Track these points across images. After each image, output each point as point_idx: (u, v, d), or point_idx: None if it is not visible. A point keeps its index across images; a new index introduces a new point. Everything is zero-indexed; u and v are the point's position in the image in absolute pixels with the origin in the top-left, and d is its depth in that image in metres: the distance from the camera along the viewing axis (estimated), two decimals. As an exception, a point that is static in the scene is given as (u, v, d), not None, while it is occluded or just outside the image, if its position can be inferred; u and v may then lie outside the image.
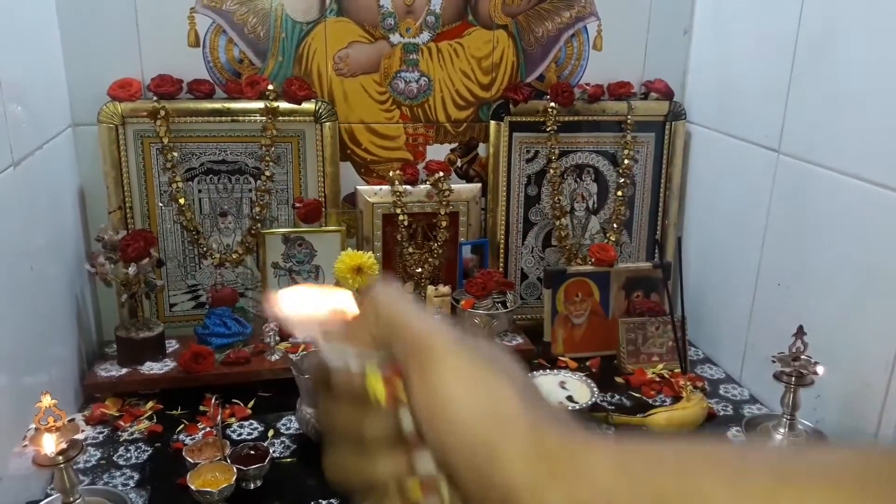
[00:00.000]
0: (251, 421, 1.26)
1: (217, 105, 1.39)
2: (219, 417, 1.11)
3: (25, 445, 0.86)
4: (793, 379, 1.14)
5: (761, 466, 0.30)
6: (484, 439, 0.31)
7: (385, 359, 0.36)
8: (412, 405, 0.34)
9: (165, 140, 1.37)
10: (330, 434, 0.37)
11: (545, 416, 0.32)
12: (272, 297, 0.40)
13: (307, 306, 0.40)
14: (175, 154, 1.39)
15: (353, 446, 0.36)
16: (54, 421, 0.85)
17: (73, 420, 0.88)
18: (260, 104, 1.40)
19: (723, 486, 0.29)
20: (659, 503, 0.29)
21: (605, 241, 1.61)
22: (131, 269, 1.28)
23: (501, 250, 1.59)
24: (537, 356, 1.48)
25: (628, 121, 1.55)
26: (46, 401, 0.85)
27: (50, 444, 0.85)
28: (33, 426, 0.86)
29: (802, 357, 1.14)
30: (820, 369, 1.13)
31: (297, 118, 1.43)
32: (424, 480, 0.35)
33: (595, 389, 1.25)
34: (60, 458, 0.86)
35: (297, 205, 1.45)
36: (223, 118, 1.40)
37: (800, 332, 1.14)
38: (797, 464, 0.31)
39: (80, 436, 0.87)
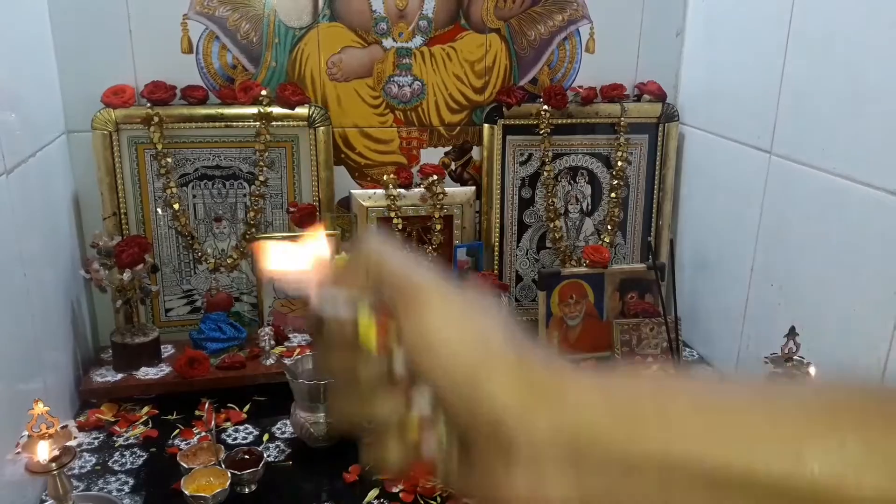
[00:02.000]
0: (246, 425, 1.26)
1: (211, 111, 1.40)
2: (213, 422, 1.11)
3: (18, 452, 0.86)
4: (785, 380, 1.14)
5: (734, 393, 0.34)
6: (472, 371, 0.33)
7: (375, 304, 0.37)
8: (404, 344, 0.35)
9: (159, 146, 1.38)
10: (329, 380, 0.39)
11: (528, 350, 0.35)
12: (260, 256, 0.41)
13: (293, 261, 0.41)
14: (169, 160, 1.39)
15: (352, 390, 0.38)
16: (47, 428, 0.86)
17: (66, 427, 0.89)
18: (253, 109, 1.40)
19: (695, 408, 0.33)
20: (637, 423, 0.32)
21: (600, 242, 1.62)
22: (126, 275, 1.29)
23: (496, 253, 1.59)
24: (532, 358, 1.48)
25: (621, 123, 1.56)
26: (39, 408, 0.85)
27: (43, 451, 0.85)
28: (26, 433, 0.86)
29: (795, 358, 1.14)
30: (812, 370, 1.13)
31: (291, 123, 1.43)
32: (422, 419, 0.36)
33: (589, 391, 1.26)
34: (53, 465, 0.86)
35: (292, 209, 1.45)
36: (217, 124, 1.40)
37: (791, 332, 1.14)
38: (769, 391, 0.34)
39: (72, 442, 0.88)
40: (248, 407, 1.31)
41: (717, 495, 0.31)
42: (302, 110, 1.43)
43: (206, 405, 1.21)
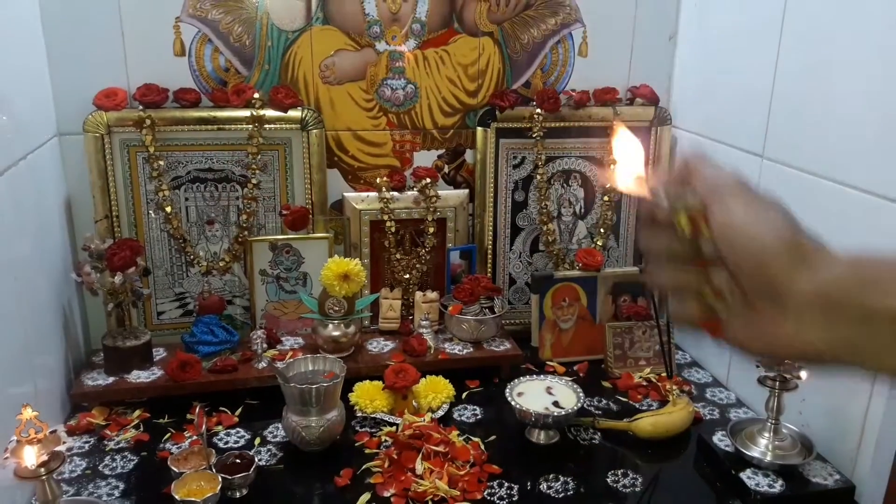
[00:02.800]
0: (238, 429, 1.26)
1: (203, 114, 1.40)
2: (203, 426, 1.11)
3: (7, 458, 0.86)
4: (777, 383, 1.14)
5: None
6: (763, 244, 0.46)
7: (691, 198, 0.49)
8: (713, 226, 0.48)
9: (151, 149, 1.38)
10: (649, 253, 0.52)
11: (803, 232, 0.48)
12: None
13: (633, 160, 0.56)
14: (161, 163, 1.39)
15: (666, 262, 0.51)
16: (35, 433, 0.86)
17: (54, 431, 0.88)
18: (246, 112, 1.40)
19: None
20: (877, 285, 0.44)
21: (593, 245, 1.62)
22: (117, 278, 1.28)
23: (489, 256, 1.59)
24: (525, 361, 1.49)
25: (614, 126, 1.56)
26: (27, 413, 0.85)
27: (31, 457, 0.85)
28: (14, 438, 0.86)
29: (786, 362, 1.14)
30: (804, 374, 1.14)
31: (284, 126, 1.43)
32: (717, 286, 0.49)
33: (581, 394, 1.26)
34: (42, 470, 0.86)
35: (284, 212, 1.45)
36: (209, 127, 1.40)
37: (783, 336, 1.14)
38: None
39: (61, 447, 0.88)
40: (239, 410, 1.31)
41: None
42: (295, 113, 1.43)
43: (197, 409, 1.21)
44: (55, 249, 1.32)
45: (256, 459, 1.10)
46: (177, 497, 1.00)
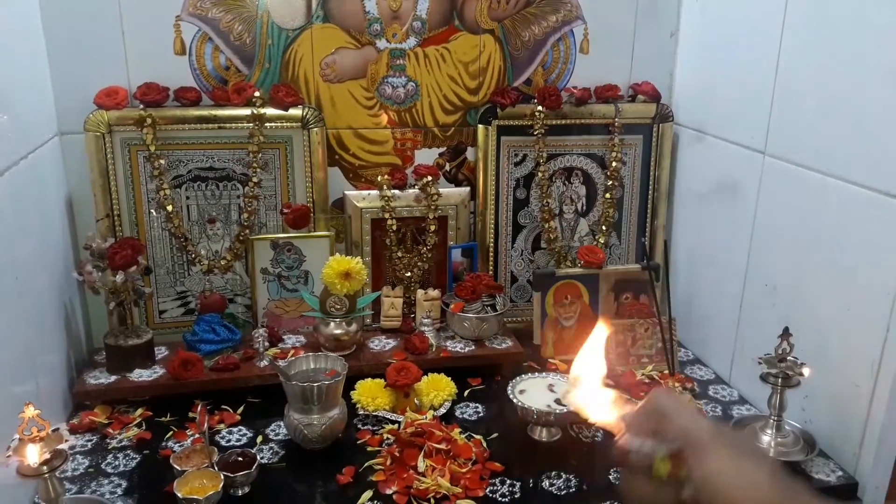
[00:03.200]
0: (240, 427, 1.26)
1: (204, 112, 1.40)
2: (205, 424, 1.11)
3: (9, 456, 0.86)
4: (779, 380, 1.14)
5: None
6: (742, 501, 0.46)
7: (666, 446, 0.50)
8: (691, 477, 0.48)
9: (152, 148, 1.38)
10: (632, 498, 0.53)
11: (783, 484, 0.47)
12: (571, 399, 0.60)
13: (598, 406, 0.57)
14: (162, 161, 1.39)
15: None
16: (38, 431, 0.86)
17: (57, 430, 0.89)
18: (247, 111, 1.40)
19: None
20: None
21: (594, 243, 1.62)
22: (119, 277, 1.28)
23: (491, 253, 1.59)
24: (527, 359, 1.48)
25: (616, 123, 1.56)
26: (30, 411, 0.85)
27: (33, 455, 0.85)
28: (17, 436, 0.86)
29: (788, 358, 1.14)
30: (806, 371, 1.13)
31: (285, 124, 1.43)
32: None
33: (583, 392, 1.25)
34: (44, 468, 0.86)
35: (286, 210, 1.45)
36: (210, 125, 1.40)
37: (785, 333, 1.14)
38: None
39: (64, 445, 0.88)
40: (241, 409, 1.31)
41: None
42: (295, 111, 1.43)
43: (199, 407, 1.21)
44: (56, 248, 1.32)
45: (258, 457, 1.10)
46: (179, 495, 1.00)
